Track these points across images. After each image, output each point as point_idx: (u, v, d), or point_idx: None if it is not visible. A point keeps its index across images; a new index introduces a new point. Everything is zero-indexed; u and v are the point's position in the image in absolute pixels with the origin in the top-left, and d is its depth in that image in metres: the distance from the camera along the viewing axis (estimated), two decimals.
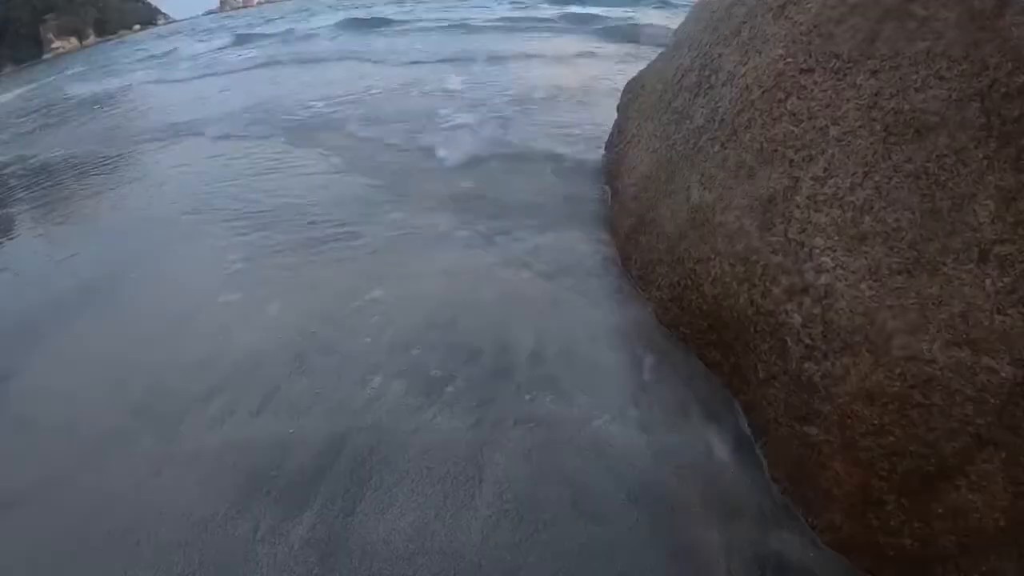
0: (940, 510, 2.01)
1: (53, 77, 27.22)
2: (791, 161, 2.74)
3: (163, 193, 6.99)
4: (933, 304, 2.04)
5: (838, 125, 2.56)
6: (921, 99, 2.25)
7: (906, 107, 2.29)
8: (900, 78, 2.34)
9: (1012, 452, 1.84)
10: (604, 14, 15.41)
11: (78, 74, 25.51)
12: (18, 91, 24.41)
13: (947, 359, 1.97)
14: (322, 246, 4.94)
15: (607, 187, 5.18)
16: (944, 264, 2.05)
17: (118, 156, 9.07)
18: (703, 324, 3.24)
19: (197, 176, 7.28)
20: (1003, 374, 1.85)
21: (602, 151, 5.76)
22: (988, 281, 1.93)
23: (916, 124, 2.24)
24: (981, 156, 2.02)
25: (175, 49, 27.36)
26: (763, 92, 3.01)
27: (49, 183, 8.42)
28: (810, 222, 2.56)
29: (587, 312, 3.79)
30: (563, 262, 4.30)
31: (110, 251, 5.67)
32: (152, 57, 26.19)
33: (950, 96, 2.15)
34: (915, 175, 2.21)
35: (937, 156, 2.15)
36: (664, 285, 3.60)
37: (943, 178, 2.12)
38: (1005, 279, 1.90)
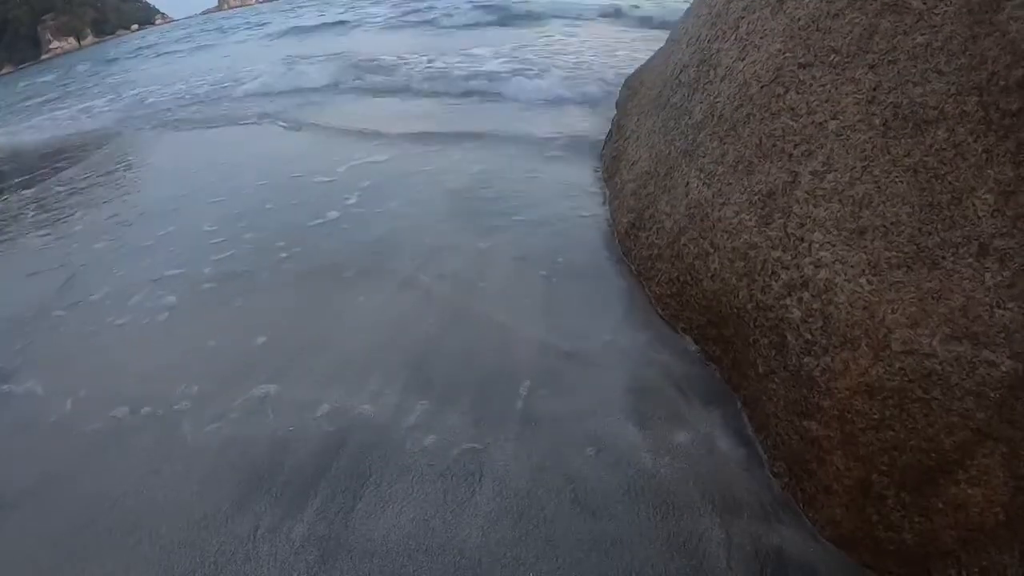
0: (940, 505, 2.00)
1: None
2: (790, 156, 2.74)
3: None
4: (933, 298, 2.04)
5: (837, 119, 2.55)
6: (920, 93, 2.24)
7: (905, 101, 2.29)
8: (898, 72, 2.34)
9: (1012, 446, 1.84)
10: None
11: None
12: None
13: (947, 353, 1.97)
14: None
15: (605, 183, 5.17)
16: (944, 258, 2.05)
17: None
18: (703, 319, 3.24)
19: None
20: (1003, 368, 1.85)
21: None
22: (988, 275, 1.93)
23: (915, 118, 2.24)
24: (980, 150, 2.02)
25: None
26: (762, 87, 3.01)
27: None
28: (809, 217, 2.56)
29: (587, 308, 3.78)
30: (563, 258, 4.30)
31: None
32: None
33: (948, 90, 2.15)
34: (914, 169, 2.20)
35: (936, 150, 2.14)
36: (664, 280, 3.59)
37: (942, 172, 2.11)
38: (1005, 273, 1.89)
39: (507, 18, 16.40)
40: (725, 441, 2.77)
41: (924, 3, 2.30)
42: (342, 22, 22.72)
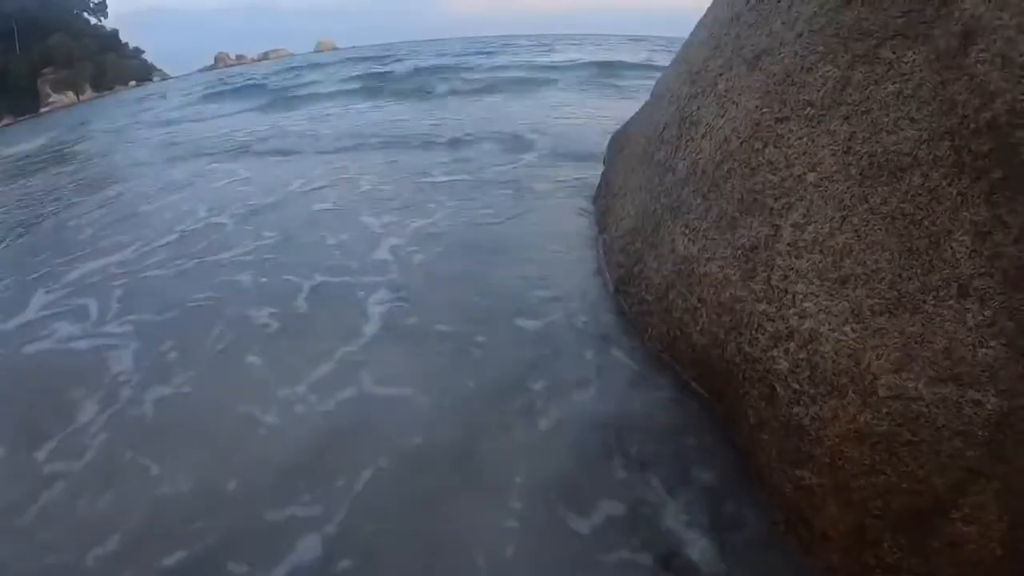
0: (937, 545, 1.96)
1: None
2: (771, 209, 2.76)
3: None
4: (916, 342, 2.03)
5: (815, 171, 2.58)
6: (893, 141, 2.28)
7: (879, 150, 2.32)
8: (872, 122, 2.38)
9: (1004, 482, 1.82)
10: None
11: None
12: None
13: (933, 395, 1.95)
14: None
15: (599, 237, 5.19)
16: (925, 302, 2.05)
17: None
18: (695, 372, 3.23)
19: None
20: (989, 406, 1.84)
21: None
22: (969, 315, 1.92)
23: (890, 166, 2.27)
24: (955, 193, 2.04)
25: None
26: (741, 143, 3.06)
27: None
28: (792, 268, 2.57)
29: (586, 361, 3.73)
30: (561, 309, 4.27)
31: None
32: None
33: (921, 136, 2.18)
34: (892, 216, 2.22)
35: (912, 196, 2.17)
36: (655, 335, 3.59)
37: (919, 217, 2.13)
38: (986, 312, 1.89)
39: None
40: (723, 492, 2.72)
41: (894, 52, 2.35)
42: None
